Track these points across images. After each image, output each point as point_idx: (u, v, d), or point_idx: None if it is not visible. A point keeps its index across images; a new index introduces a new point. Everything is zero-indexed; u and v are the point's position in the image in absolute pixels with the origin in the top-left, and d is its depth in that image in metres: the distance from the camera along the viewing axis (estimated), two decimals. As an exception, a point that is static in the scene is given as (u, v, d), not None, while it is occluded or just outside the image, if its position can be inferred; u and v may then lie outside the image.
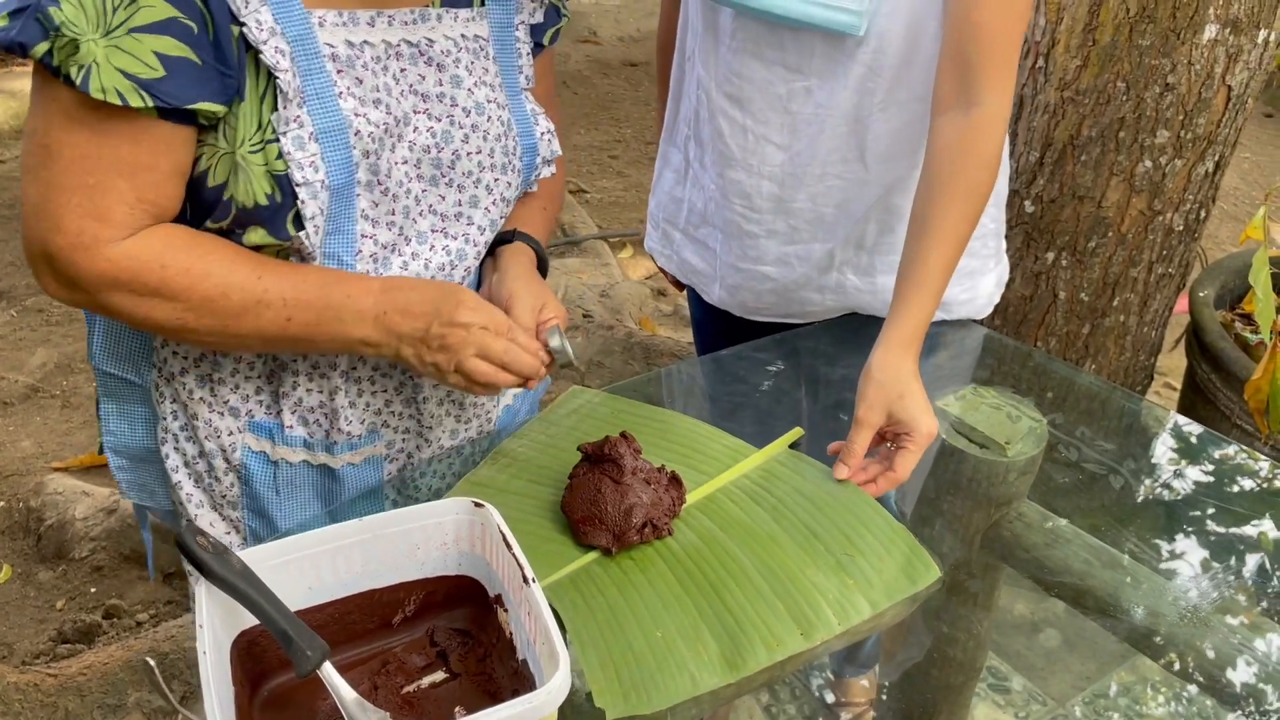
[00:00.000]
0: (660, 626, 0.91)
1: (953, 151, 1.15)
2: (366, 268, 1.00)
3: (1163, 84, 1.90)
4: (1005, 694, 1.11)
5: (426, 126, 0.99)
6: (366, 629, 0.87)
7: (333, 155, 0.92)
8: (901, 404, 1.08)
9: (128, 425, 1.12)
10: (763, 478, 1.10)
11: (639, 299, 3.45)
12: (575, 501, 1.01)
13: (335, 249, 0.97)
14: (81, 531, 2.43)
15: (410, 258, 1.02)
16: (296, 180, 0.90)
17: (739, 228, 1.42)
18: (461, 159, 1.02)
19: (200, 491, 1.11)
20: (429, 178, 1.01)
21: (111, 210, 0.87)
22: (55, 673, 1.71)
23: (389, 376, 1.09)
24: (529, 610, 0.78)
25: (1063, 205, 2.03)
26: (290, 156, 0.90)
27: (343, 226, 0.96)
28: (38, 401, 3.03)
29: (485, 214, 1.07)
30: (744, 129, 1.35)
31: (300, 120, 0.90)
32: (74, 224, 0.86)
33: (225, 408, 1.06)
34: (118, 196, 0.87)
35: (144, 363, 1.08)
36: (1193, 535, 1.17)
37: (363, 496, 1.14)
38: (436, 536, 0.86)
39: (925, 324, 1.13)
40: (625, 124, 5.39)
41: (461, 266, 1.07)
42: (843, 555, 1.00)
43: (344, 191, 0.94)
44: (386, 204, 0.98)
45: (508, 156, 1.07)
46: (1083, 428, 1.31)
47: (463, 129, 1.02)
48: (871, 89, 1.26)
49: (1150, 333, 2.19)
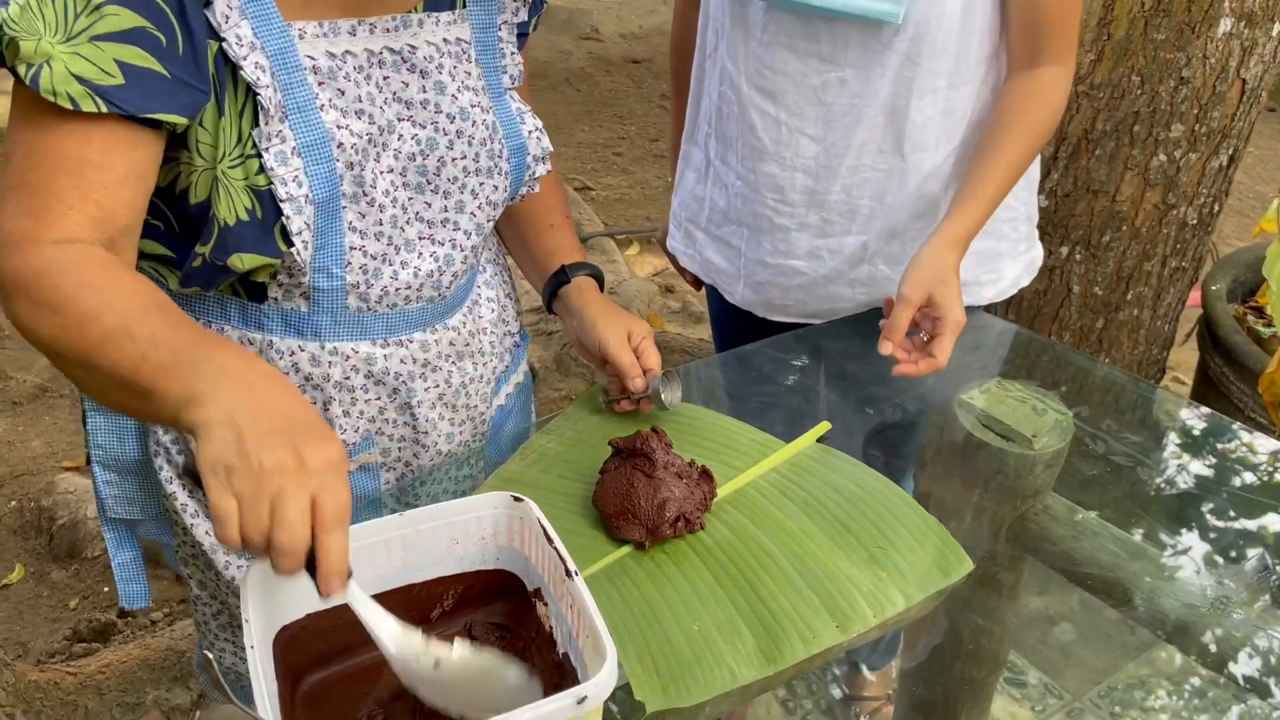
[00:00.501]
0: (697, 620, 0.91)
1: (1020, 98, 1.28)
2: (357, 279, 0.98)
3: (1177, 78, 1.90)
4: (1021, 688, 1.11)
5: (411, 134, 0.98)
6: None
7: (316, 169, 0.90)
8: (942, 289, 1.19)
9: (116, 438, 1.09)
10: (792, 472, 1.10)
11: (647, 296, 3.45)
12: (608, 496, 1.01)
13: (324, 262, 0.96)
14: (93, 530, 2.43)
15: (400, 267, 1.01)
16: (280, 196, 0.89)
17: (769, 222, 1.42)
18: (447, 165, 1.01)
19: (194, 501, 1.09)
20: (415, 185, 1.00)
21: (48, 208, 0.81)
22: (74, 671, 1.71)
23: (382, 384, 1.07)
24: (571, 604, 0.78)
25: (1077, 199, 2.03)
26: (273, 172, 0.88)
27: (331, 240, 0.95)
28: (47, 401, 3.02)
29: (471, 219, 1.06)
30: (777, 121, 1.35)
31: (282, 135, 0.89)
32: (9, 222, 0.82)
33: None
34: (56, 195, 0.81)
35: None
36: (1221, 527, 1.17)
37: (361, 506, 1.12)
38: (475, 530, 0.86)
39: (974, 230, 1.25)
40: (629, 121, 5.38)
41: (449, 272, 1.06)
42: (875, 548, 1.00)
43: (329, 205, 0.93)
44: (374, 215, 0.97)
45: (493, 160, 1.05)
46: (1108, 420, 1.31)
47: (447, 135, 1.01)
48: (908, 78, 1.27)
49: (1163, 326, 2.19)
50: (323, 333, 1.01)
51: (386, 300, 1.02)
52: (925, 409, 1.38)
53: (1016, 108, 1.28)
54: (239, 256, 0.90)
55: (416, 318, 1.06)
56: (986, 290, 1.47)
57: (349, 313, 1.01)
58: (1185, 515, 1.19)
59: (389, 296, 1.02)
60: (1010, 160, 1.26)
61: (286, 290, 0.98)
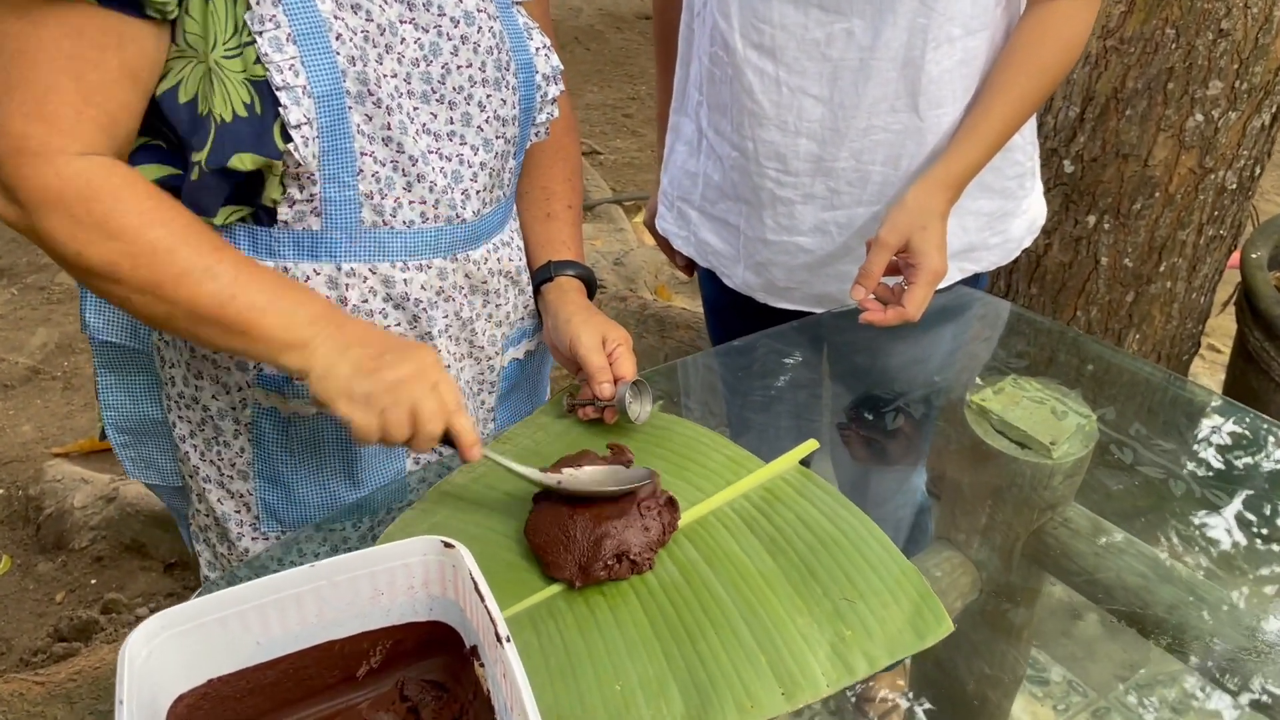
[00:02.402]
0: (621, 677, 0.80)
1: (1034, 31, 1.19)
2: (370, 188, 0.93)
3: (1216, 30, 1.75)
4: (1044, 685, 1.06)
5: (414, 38, 0.93)
6: (326, 684, 0.77)
7: (313, 60, 0.86)
8: (922, 235, 1.12)
9: (128, 397, 1.07)
10: (765, 499, 0.98)
11: (654, 266, 3.33)
12: (540, 524, 0.90)
13: (334, 170, 0.90)
14: (81, 521, 2.37)
15: (416, 179, 0.96)
16: (276, 84, 0.84)
17: (771, 195, 1.31)
18: (452, 73, 0.96)
19: (206, 465, 1.06)
20: (420, 94, 0.95)
21: (58, 114, 0.79)
22: (42, 680, 1.64)
23: (402, 309, 1.02)
24: (504, 672, 0.68)
25: (1105, 164, 1.89)
26: (268, 59, 0.83)
27: (338, 143, 0.90)
28: (38, 384, 2.96)
29: (478, 133, 1.01)
30: (777, 82, 1.23)
31: (276, 20, 0.84)
32: (19, 126, 0.79)
33: (232, 361, 1.00)
34: (63, 97, 0.79)
35: (144, 328, 1.02)
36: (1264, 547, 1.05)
37: (384, 455, 1.08)
38: (403, 579, 0.76)
39: (970, 173, 1.18)
40: (640, 80, 5.22)
41: (458, 189, 1.00)
42: (841, 600, 0.87)
43: (331, 101, 0.88)
44: (381, 117, 0.92)
45: (500, 71, 1.00)
46: (1137, 424, 1.18)
47: (451, 40, 0.96)
48: (923, 25, 1.16)
49: (1199, 299, 2.05)
50: (338, 253, 0.96)
51: (402, 215, 0.97)
52: (932, 409, 1.27)
53: (1028, 41, 1.18)
54: (239, 157, 0.85)
55: (435, 240, 1.00)
56: (992, 253, 1.37)
57: (364, 228, 0.95)
58: (1224, 533, 1.07)
59: (404, 210, 0.96)
60: (1016, 99, 1.18)
61: (298, 210, 0.93)
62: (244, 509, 1.08)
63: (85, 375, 3.00)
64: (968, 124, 1.19)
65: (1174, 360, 2.13)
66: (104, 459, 2.62)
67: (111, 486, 2.42)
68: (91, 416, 2.83)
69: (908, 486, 1.37)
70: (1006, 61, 1.19)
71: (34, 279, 3.44)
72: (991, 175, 1.30)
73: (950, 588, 1.08)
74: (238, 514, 1.08)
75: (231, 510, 1.08)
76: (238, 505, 1.08)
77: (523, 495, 0.97)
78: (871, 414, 1.28)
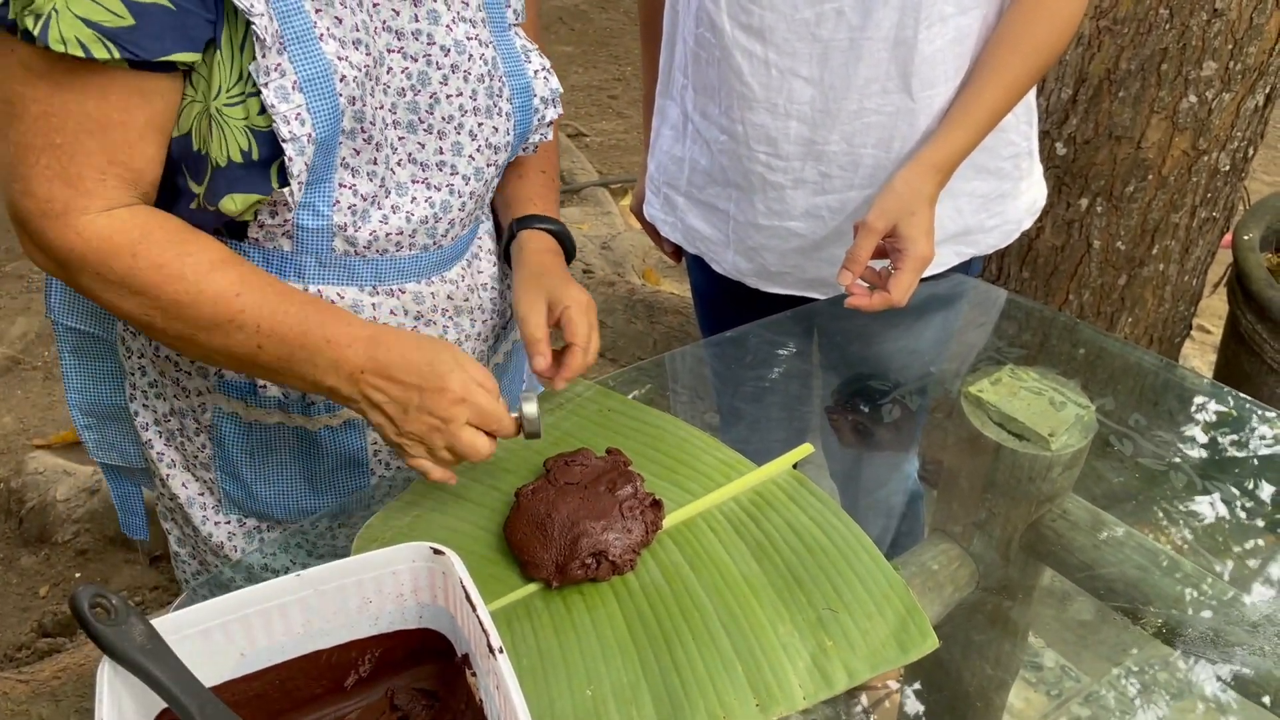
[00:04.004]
0: (593, 681, 0.78)
1: (1028, 10, 1.16)
2: (344, 220, 0.92)
3: (1210, 10, 1.73)
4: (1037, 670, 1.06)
5: (401, 67, 0.91)
6: (314, 694, 0.75)
7: (318, 105, 0.84)
8: (910, 220, 1.11)
9: (92, 382, 1.07)
10: (754, 503, 0.96)
11: (642, 250, 3.30)
12: (518, 521, 0.88)
13: (311, 199, 0.90)
14: (64, 514, 2.34)
15: (391, 210, 0.95)
16: (283, 135, 0.82)
17: (762, 179, 1.28)
18: (440, 102, 0.94)
19: (172, 450, 1.06)
20: (406, 124, 0.94)
21: (82, 175, 0.80)
22: (26, 678, 1.62)
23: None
24: (497, 684, 0.66)
25: (1098, 146, 1.87)
26: (274, 109, 0.82)
27: (322, 176, 0.89)
28: (19, 374, 2.92)
29: (469, 162, 0.99)
30: (766, 63, 1.20)
31: (281, 69, 0.82)
32: (43, 188, 0.79)
33: (193, 366, 1.00)
34: (87, 159, 0.79)
35: (108, 316, 1.02)
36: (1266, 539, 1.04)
37: (345, 466, 1.07)
38: (391, 587, 0.74)
39: (959, 156, 1.16)
40: (625, 61, 5.17)
41: (445, 219, 0.99)
42: (825, 610, 0.85)
43: (328, 143, 0.87)
44: (369, 152, 0.91)
45: (493, 99, 0.99)
46: (1136, 414, 1.16)
47: (440, 70, 0.94)
48: (915, 3, 1.13)
49: (1191, 281, 2.04)
50: (306, 274, 0.95)
51: (375, 245, 0.95)
52: (925, 397, 1.25)
53: (1021, 19, 1.16)
54: (231, 198, 0.85)
55: (409, 266, 0.99)
56: (990, 236, 1.35)
57: (335, 255, 0.94)
58: (1225, 525, 1.06)
59: (378, 241, 0.95)
60: (1008, 80, 1.16)
61: (268, 230, 0.92)
62: (207, 492, 1.08)
63: (66, 365, 2.96)
64: (958, 105, 1.17)
65: (1165, 343, 2.12)
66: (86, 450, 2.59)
67: (94, 479, 2.39)
68: (73, 407, 2.79)
69: (900, 474, 1.35)
70: (998, 41, 1.17)
71: (13, 267, 3.39)
72: (985, 156, 1.28)
73: (947, 581, 1.06)
74: (201, 497, 1.08)
75: (195, 494, 1.08)
76: (201, 489, 1.08)
77: (505, 491, 0.95)
78: (860, 398, 1.26)
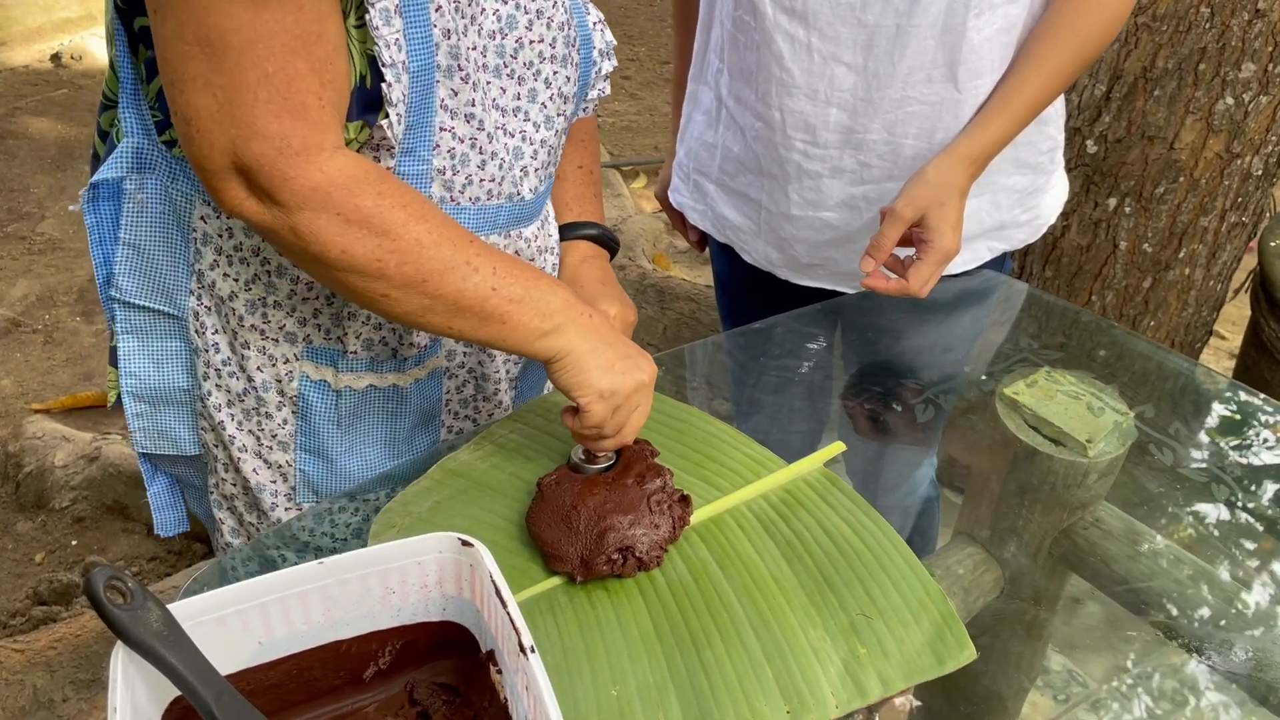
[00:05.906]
0: (619, 681, 0.76)
1: (1074, 1, 1.14)
2: (444, 164, 0.90)
3: (1252, 10, 1.69)
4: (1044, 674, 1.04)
5: (493, 9, 0.90)
6: (332, 685, 0.72)
7: (414, 32, 0.82)
8: (939, 211, 1.09)
9: (153, 365, 1.01)
10: (784, 501, 0.93)
11: (653, 234, 3.26)
12: (542, 514, 0.85)
13: (412, 143, 0.87)
14: (62, 480, 2.31)
15: (489, 157, 0.93)
16: (383, 60, 0.80)
17: (798, 167, 1.25)
18: (524, 48, 0.94)
19: (244, 434, 1.02)
20: (492, 67, 0.92)
21: (305, 105, 0.76)
22: (21, 648, 1.59)
23: None
24: (527, 685, 0.63)
25: (1130, 146, 1.84)
26: (377, 33, 0.79)
27: (423, 118, 0.86)
28: (18, 337, 2.88)
29: (541, 110, 0.98)
30: (808, 48, 1.17)
31: None
32: (272, 124, 0.75)
33: (280, 333, 0.97)
34: (303, 83, 0.76)
35: (181, 291, 0.97)
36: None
37: (422, 423, 1.06)
38: (415, 578, 0.71)
39: (995, 149, 1.14)
40: (639, 41, 5.11)
41: (517, 166, 0.97)
42: (858, 615, 0.82)
43: (424, 76, 0.84)
44: (466, 93, 0.89)
45: (568, 48, 0.98)
46: (1177, 423, 1.13)
47: (528, 14, 0.93)
48: None
49: (1215, 286, 2.01)
50: None
51: (470, 192, 0.94)
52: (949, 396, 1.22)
53: (1066, 11, 1.13)
54: (349, 125, 0.82)
55: (495, 217, 0.98)
56: (1022, 231, 1.32)
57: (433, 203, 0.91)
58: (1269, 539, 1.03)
59: (472, 187, 0.94)
60: (1050, 72, 1.14)
61: None
62: (280, 479, 1.05)
63: (67, 329, 2.92)
64: (998, 97, 1.15)
65: (1185, 349, 2.09)
66: (86, 416, 2.55)
67: (94, 445, 2.36)
68: (74, 373, 2.75)
69: (917, 474, 1.32)
70: (1043, 32, 1.14)
71: (14, 228, 3.34)
72: (1026, 150, 1.25)
73: (973, 585, 1.04)
74: (273, 484, 1.05)
75: (267, 480, 1.04)
76: (274, 475, 1.04)
77: (527, 479, 0.92)
78: (880, 389, 1.23)
